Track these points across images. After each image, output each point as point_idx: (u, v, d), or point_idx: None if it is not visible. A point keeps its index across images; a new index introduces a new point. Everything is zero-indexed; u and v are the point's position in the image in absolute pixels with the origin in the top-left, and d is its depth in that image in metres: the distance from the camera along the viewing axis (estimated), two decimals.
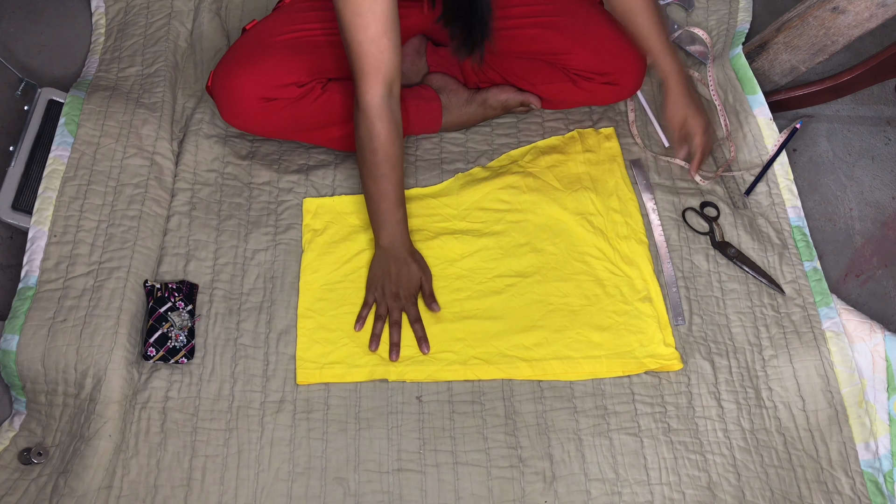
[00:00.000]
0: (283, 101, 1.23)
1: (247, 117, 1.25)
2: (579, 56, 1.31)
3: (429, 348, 1.18)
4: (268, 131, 1.30)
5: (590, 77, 1.33)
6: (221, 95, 1.25)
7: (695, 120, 1.29)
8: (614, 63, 1.32)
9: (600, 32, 1.30)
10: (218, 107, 1.27)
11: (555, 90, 1.36)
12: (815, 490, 1.12)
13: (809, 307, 1.24)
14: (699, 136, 1.30)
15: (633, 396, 1.17)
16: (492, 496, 1.09)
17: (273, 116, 1.25)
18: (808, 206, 1.39)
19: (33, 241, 1.20)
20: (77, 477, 1.06)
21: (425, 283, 1.22)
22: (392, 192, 1.18)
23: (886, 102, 1.54)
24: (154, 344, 1.15)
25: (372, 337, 1.18)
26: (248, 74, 1.22)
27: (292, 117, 1.26)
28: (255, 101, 1.23)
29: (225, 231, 1.28)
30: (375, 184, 1.17)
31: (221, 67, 1.25)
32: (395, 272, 1.20)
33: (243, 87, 1.22)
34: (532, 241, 1.29)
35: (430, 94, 1.36)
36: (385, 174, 1.16)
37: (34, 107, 1.32)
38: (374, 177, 1.17)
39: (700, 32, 1.52)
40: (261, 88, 1.21)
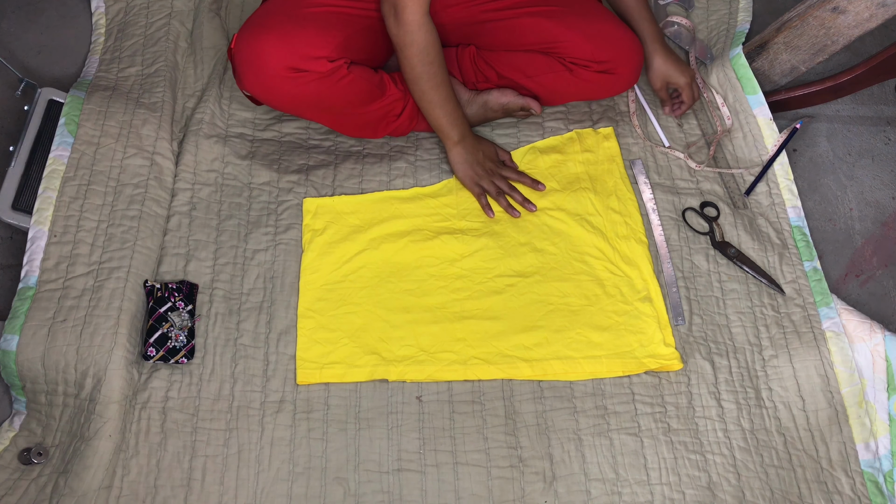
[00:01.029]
0: (311, 75, 1.19)
1: (271, 86, 1.21)
2: (574, 44, 1.31)
3: (535, 207, 1.32)
4: (286, 104, 1.26)
5: (586, 65, 1.33)
6: (246, 61, 1.20)
7: (678, 75, 1.39)
8: (610, 51, 1.32)
9: (596, 20, 1.31)
10: (239, 73, 1.21)
11: (551, 80, 1.36)
12: (815, 490, 1.12)
13: (809, 307, 1.24)
14: (686, 90, 1.40)
15: (633, 396, 1.17)
16: (492, 496, 1.09)
17: (298, 89, 1.21)
18: (808, 206, 1.39)
19: (33, 241, 1.20)
20: (77, 477, 1.06)
21: (499, 150, 1.37)
22: (452, 94, 1.28)
23: (886, 102, 1.54)
24: (154, 344, 1.15)
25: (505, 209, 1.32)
26: (279, 42, 1.17)
27: (315, 92, 1.22)
28: (283, 70, 1.18)
29: (225, 231, 1.28)
30: (439, 90, 1.25)
31: (249, 31, 1.20)
32: (480, 156, 1.32)
33: (273, 54, 1.17)
34: (532, 241, 1.29)
35: None
36: (445, 80, 1.26)
37: (34, 107, 1.32)
38: (436, 84, 1.25)
39: (680, 19, 1.53)
40: (291, 57, 1.17)
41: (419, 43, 1.20)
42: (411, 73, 1.24)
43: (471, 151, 1.32)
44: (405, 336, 1.20)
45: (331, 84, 1.22)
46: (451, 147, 1.32)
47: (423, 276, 1.25)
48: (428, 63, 1.22)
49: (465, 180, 1.33)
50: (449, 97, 1.27)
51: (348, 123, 1.33)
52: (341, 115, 1.31)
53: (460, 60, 1.40)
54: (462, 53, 1.40)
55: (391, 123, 1.35)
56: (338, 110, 1.29)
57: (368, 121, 1.33)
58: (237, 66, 1.22)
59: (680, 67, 1.39)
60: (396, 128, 1.36)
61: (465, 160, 1.32)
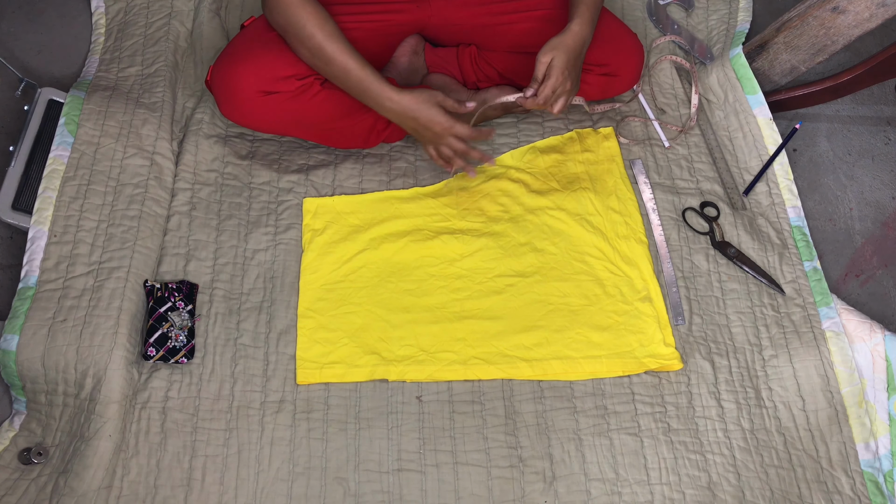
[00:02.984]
0: (282, 95, 1.22)
1: (246, 112, 1.24)
2: None
3: (493, 160, 1.28)
4: (267, 126, 1.30)
5: (588, 69, 1.33)
6: (221, 90, 1.24)
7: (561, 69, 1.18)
8: (612, 54, 1.32)
9: (600, 30, 1.30)
10: (217, 102, 1.26)
11: None
12: (815, 490, 1.12)
13: (809, 307, 1.24)
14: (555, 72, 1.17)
15: (633, 396, 1.17)
16: (492, 496, 1.09)
17: (273, 111, 1.24)
18: (808, 206, 1.39)
19: (33, 240, 1.20)
20: (77, 477, 1.06)
21: (443, 101, 1.20)
22: (353, 62, 1.16)
23: (886, 102, 1.54)
24: (154, 344, 1.15)
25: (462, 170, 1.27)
26: (246, 67, 1.21)
27: (292, 111, 1.24)
28: (254, 95, 1.21)
29: (225, 231, 1.28)
30: (332, 65, 1.16)
31: (220, 62, 1.24)
32: (416, 123, 1.20)
33: (242, 80, 1.21)
34: (532, 241, 1.29)
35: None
36: (335, 50, 1.15)
37: (34, 107, 1.32)
38: (327, 60, 1.16)
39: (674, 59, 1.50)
40: (260, 81, 1.20)
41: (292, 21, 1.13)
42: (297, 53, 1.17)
43: (407, 119, 1.20)
44: (405, 336, 1.20)
45: (305, 101, 1.23)
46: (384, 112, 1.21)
47: (423, 276, 1.25)
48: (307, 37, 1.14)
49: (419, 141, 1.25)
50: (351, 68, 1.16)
51: (336, 137, 1.33)
52: (327, 131, 1.30)
53: (461, 60, 1.40)
54: (462, 53, 1.40)
55: (382, 132, 1.34)
56: (321, 126, 1.28)
57: (356, 132, 1.32)
58: (215, 96, 1.26)
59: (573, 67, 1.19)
60: (389, 135, 1.36)
61: (405, 125, 1.22)
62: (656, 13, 1.57)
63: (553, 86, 1.17)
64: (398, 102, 1.18)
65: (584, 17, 1.20)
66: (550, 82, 1.17)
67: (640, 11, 1.58)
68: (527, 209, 1.31)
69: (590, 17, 1.21)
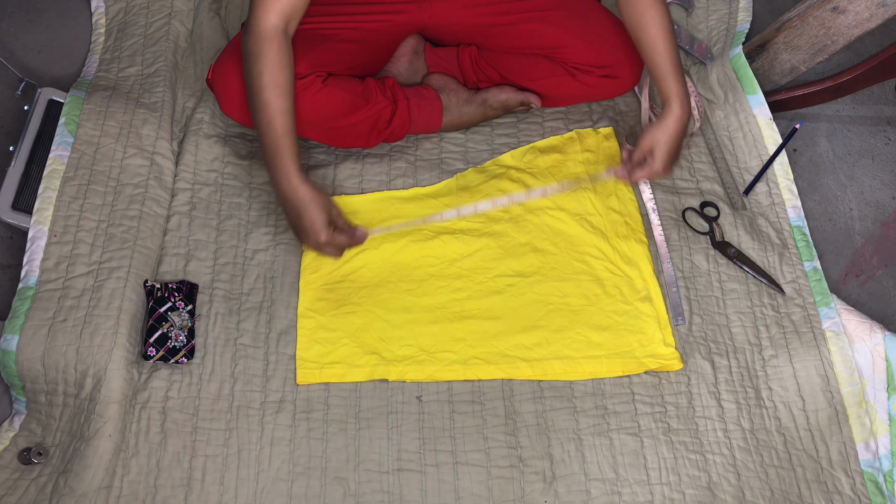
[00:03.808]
0: None
1: (247, 111, 1.22)
2: (577, 49, 1.31)
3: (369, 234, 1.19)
4: None
5: (588, 70, 1.33)
6: (221, 89, 1.24)
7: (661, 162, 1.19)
8: (612, 56, 1.32)
9: (598, 26, 1.30)
10: (218, 100, 1.26)
11: (554, 84, 1.36)
12: (815, 490, 1.12)
13: (809, 307, 1.24)
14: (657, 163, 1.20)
15: (633, 396, 1.17)
16: (492, 496, 1.09)
17: None
18: (808, 206, 1.39)
19: (33, 240, 1.20)
20: (77, 477, 1.06)
21: (334, 219, 1.14)
22: (281, 120, 1.09)
23: (886, 102, 1.54)
24: (154, 344, 1.15)
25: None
26: None
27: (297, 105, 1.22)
28: None
29: (225, 231, 1.28)
30: (262, 112, 1.10)
31: (221, 60, 1.24)
32: (297, 223, 1.13)
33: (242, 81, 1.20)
34: (532, 241, 1.29)
35: (431, 94, 1.36)
36: (269, 101, 1.09)
37: (34, 107, 1.32)
38: (258, 105, 1.10)
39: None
40: None
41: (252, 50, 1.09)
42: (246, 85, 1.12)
43: (291, 210, 1.14)
44: (405, 336, 1.20)
45: (306, 99, 1.22)
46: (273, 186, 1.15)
47: (423, 276, 1.25)
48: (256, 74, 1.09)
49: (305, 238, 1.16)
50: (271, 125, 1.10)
51: (337, 137, 1.32)
52: (328, 130, 1.30)
53: (461, 60, 1.40)
54: (462, 53, 1.40)
55: (382, 132, 1.34)
56: (322, 124, 1.27)
57: (358, 132, 1.32)
58: (216, 94, 1.26)
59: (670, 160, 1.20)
60: (390, 134, 1.35)
61: (287, 213, 1.15)
62: None
63: (653, 174, 1.20)
64: (294, 189, 1.11)
65: (679, 94, 1.19)
66: (651, 170, 1.20)
67: None
68: (527, 209, 1.31)
69: (682, 91, 1.19)
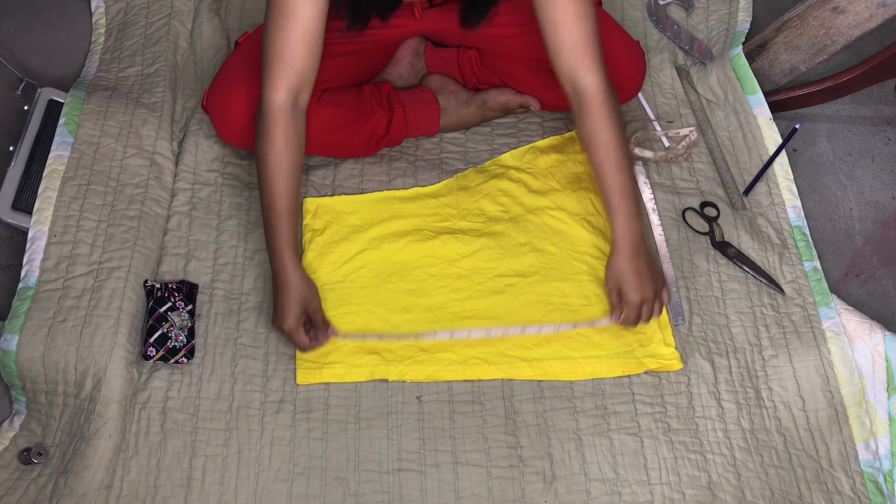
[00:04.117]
0: None
1: (243, 136, 1.25)
2: None
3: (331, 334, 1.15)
4: None
5: None
6: (216, 115, 1.25)
7: (632, 290, 1.15)
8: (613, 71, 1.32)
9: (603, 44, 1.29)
10: (214, 125, 1.27)
11: (554, 96, 1.36)
12: (815, 490, 1.12)
13: (809, 307, 1.24)
14: (632, 309, 1.16)
15: (633, 396, 1.17)
16: (492, 496, 1.09)
17: None
18: (808, 206, 1.39)
19: (33, 241, 1.20)
20: (77, 477, 1.06)
21: (311, 313, 1.14)
22: (278, 202, 1.10)
23: (886, 102, 1.54)
24: (154, 344, 1.15)
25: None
26: (239, 92, 1.21)
27: None
28: (247, 121, 1.21)
29: (225, 231, 1.28)
30: (263, 190, 1.12)
31: (215, 86, 1.24)
32: (275, 300, 1.13)
33: (236, 105, 1.21)
34: (532, 241, 1.29)
35: (429, 97, 1.36)
36: (271, 181, 1.10)
37: (34, 107, 1.32)
38: (262, 182, 1.12)
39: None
40: (253, 107, 1.19)
41: (261, 128, 1.10)
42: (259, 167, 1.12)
43: (274, 288, 1.14)
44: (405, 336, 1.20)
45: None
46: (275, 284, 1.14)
47: (423, 276, 1.25)
48: (262, 155, 1.09)
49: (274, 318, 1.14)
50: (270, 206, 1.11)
51: (334, 150, 1.33)
52: (324, 146, 1.30)
53: (461, 63, 1.40)
54: (463, 56, 1.40)
55: (380, 141, 1.34)
56: (318, 140, 1.27)
57: (355, 144, 1.32)
58: (211, 119, 1.26)
59: (639, 282, 1.14)
60: (388, 142, 1.36)
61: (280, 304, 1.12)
62: (656, 13, 1.57)
63: (634, 314, 1.15)
64: (283, 273, 1.11)
65: (626, 208, 1.14)
66: (631, 312, 1.15)
67: (640, 11, 1.58)
68: (527, 209, 1.31)
69: (626, 206, 1.15)
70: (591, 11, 1.11)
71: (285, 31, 1.06)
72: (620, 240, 1.16)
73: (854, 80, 1.40)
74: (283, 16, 1.06)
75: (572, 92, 1.15)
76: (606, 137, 1.14)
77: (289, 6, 1.05)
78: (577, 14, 1.09)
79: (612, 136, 1.14)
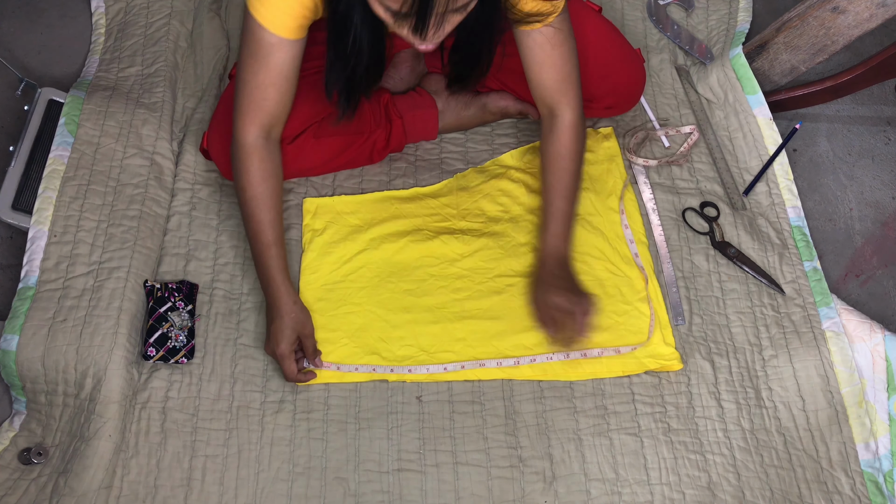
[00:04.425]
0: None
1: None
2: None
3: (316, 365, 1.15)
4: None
5: (587, 104, 1.32)
6: (218, 157, 1.25)
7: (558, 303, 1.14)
8: (614, 95, 1.34)
9: (599, 65, 1.28)
10: (217, 166, 1.27)
11: None
12: (815, 490, 1.12)
13: (809, 307, 1.24)
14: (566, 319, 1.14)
15: (633, 396, 1.17)
16: (492, 496, 1.09)
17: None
18: (808, 206, 1.39)
19: (33, 241, 1.20)
20: (77, 477, 1.06)
21: (303, 339, 1.15)
22: (263, 233, 1.12)
23: (886, 102, 1.54)
24: (154, 344, 1.15)
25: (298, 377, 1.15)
26: None
27: (288, 164, 1.24)
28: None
29: (225, 231, 1.28)
30: (247, 222, 1.13)
31: (213, 131, 1.24)
32: (268, 326, 1.14)
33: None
34: (532, 241, 1.28)
35: (427, 101, 1.36)
36: (252, 215, 1.12)
37: (34, 107, 1.32)
38: (245, 216, 1.13)
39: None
40: None
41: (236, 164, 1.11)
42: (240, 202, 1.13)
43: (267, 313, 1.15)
44: (405, 336, 1.20)
45: (301, 155, 1.24)
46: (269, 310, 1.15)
47: (423, 276, 1.25)
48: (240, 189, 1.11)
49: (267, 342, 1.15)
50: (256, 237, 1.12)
51: (337, 169, 1.34)
52: (325, 168, 1.32)
53: None
54: None
55: (384, 150, 1.35)
56: (320, 168, 1.31)
57: (357, 161, 1.34)
58: (213, 160, 1.27)
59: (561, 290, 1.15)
60: (390, 150, 1.36)
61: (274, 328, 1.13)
62: (656, 13, 1.57)
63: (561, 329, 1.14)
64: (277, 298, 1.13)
65: (559, 233, 1.18)
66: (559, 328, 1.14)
67: (640, 11, 1.58)
68: (527, 209, 1.31)
69: (560, 231, 1.18)
70: (572, 51, 1.14)
71: (258, 76, 1.07)
72: (547, 257, 1.18)
73: (854, 80, 1.40)
74: (257, 61, 1.06)
75: (547, 115, 1.21)
76: (565, 165, 1.19)
77: (262, 52, 1.05)
78: (561, 56, 1.13)
79: (571, 167, 1.20)
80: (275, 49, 1.04)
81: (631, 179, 1.37)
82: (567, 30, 1.12)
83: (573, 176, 1.20)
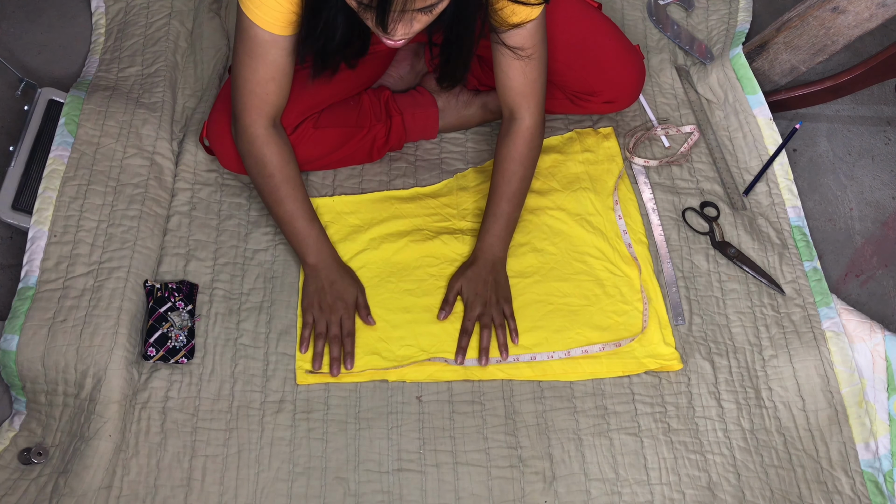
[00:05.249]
0: None
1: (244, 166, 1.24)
2: (577, 82, 1.31)
3: (353, 364, 1.16)
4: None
5: (588, 99, 1.33)
6: (217, 147, 1.25)
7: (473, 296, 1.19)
8: (614, 90, 1.33)
9: (598, 59, 1.28)
10: (216, 156, 1.27)
11: (553, 105, 1.37)
12: (815, 490, 1.12)
13: (809, 307, 1.24)
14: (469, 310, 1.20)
15: (633, 396, 1.17)
16: (492, 496, 1.09)
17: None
18: (808, 206, 1.39)
19: (33, 241, 1.20)
20: (77, 477, 1.06)
21: (360, 296, 1.20)
22: (301, 210, 1.17)
23: (886, 102, 1.54)
24: (154, 344, 1.15)
25: (314, 356, 1.16)
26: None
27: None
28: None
29: (225, 231, 1.28)
30: (282, 207, 1.17)
31: (213, 121, 1.24)
32: (328, 286, 1.18)
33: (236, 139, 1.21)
34: (532, 241, 1.29)
35: (427, 100, 1.36)
36: (289, 194, 1.16)
37: (34, 107, 1.32)
38: (278, 201, 1.17)
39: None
40: None
41: (255, 156, 1.14)
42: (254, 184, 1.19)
43: (324, 278, 1.19)
44: (405, 336, 1.20)
45: (301, 146, 1.24)
46: (305, 266, 1.21)
47: (423, 276, 1.25)
48: (267, 176, 1.15)
49: (305, 305, 1.19)
50: (296, 216, 1.17)
51: (338, 164, 1.34)
52: (327, 163, 1.32)
53: None
54: None
55: (382, 148, 1.35)
56: (319, 161, 1.30)
57: (356, 157, 1.33)
58: (214, 151, 1.27)
59: (484, 290, 1.19)
60: (389, 148, 1.36)
61: (314, 283, 1.19)
62: (656, 13, 1.57)
63: (472, 318, 1.18)
64: (329, 264, 1.19)
65: (497, 232, 1.21)
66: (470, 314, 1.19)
67: (640, 11, 1.58)
68: (527, 209, 1.31)
69: (499, 231, 1.21)
70: (542, 58, 1.15)
71: (257, 73, 1.09)
72: (481, 254, 1.21)
73: (854, 80, 1.40)
74: (254, 59, 1.08)
75: (508, 117, 1.21)
76: (515, 168, 1.20)
77: (258, 49, 1.07)
78: (532, 67, 1.14)
79: (521, 172, 1.21)
80: (270, 46, 1.07)
81: (631, 179, 1.37)
82: (540, 37, 1.12)
83: (522, 180, 1.21)
